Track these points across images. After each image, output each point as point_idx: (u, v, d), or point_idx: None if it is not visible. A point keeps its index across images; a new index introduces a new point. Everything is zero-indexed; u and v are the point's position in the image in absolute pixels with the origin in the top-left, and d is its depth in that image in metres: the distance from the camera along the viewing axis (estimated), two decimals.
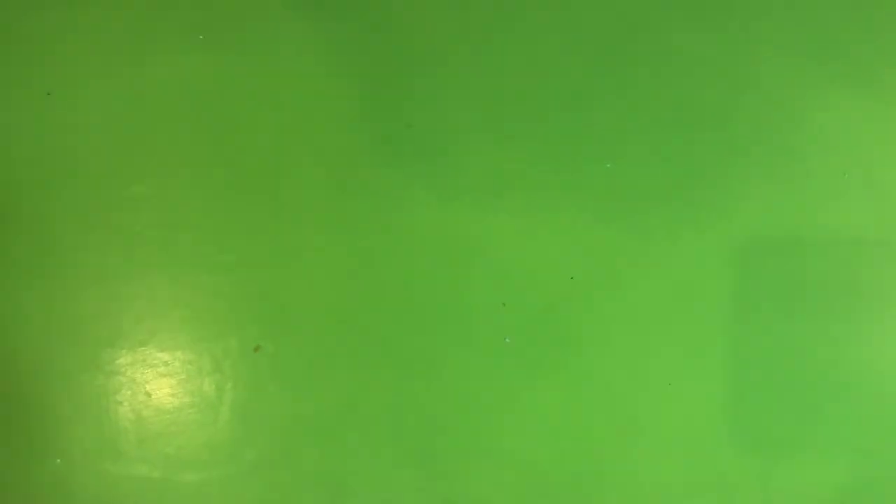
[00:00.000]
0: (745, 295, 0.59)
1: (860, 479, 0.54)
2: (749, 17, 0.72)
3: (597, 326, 0.56)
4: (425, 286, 0.57)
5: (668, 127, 0.64)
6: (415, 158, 0.62)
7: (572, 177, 0.62)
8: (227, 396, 0.55)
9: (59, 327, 0.59)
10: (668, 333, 0.56)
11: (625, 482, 0.54)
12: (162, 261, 0.59)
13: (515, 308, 0.57)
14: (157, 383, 0.57)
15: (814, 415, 0.56)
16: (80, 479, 0.55)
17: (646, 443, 0.53)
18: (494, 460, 0.52)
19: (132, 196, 0.63)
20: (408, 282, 0.58)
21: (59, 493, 0.54)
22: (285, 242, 0.58)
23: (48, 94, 0.67)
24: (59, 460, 0.55)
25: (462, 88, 0.66)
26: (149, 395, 0.57)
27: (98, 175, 0.64)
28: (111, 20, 0.63)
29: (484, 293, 0.57)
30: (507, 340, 0.56)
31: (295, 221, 0.59)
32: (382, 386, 0.54)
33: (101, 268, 0.61)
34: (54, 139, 0.66)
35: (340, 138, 0.62)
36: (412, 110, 0.64)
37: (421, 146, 0.63)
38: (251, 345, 0.55)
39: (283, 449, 0.53)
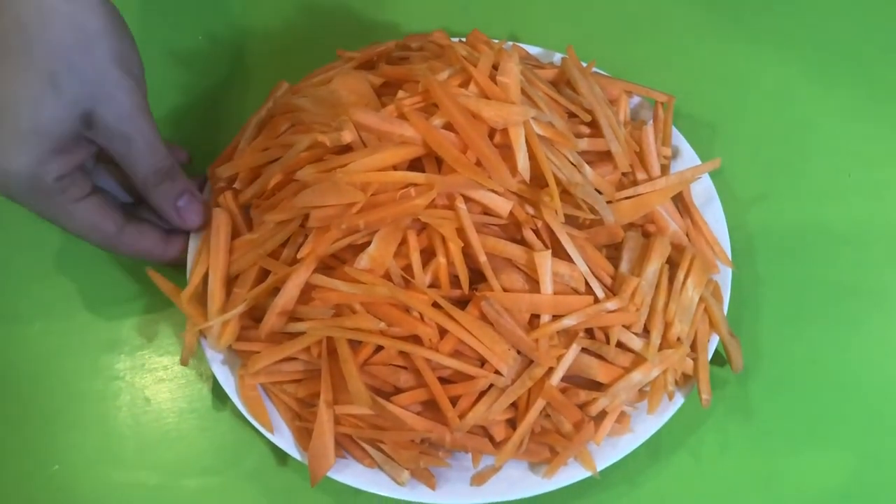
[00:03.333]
0: (747, 295, 0.59)
1: (864, 482, 0.54)
2: (751, 16, 0.72)
3: None
4: None
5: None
6: None
7: None
8: (227, 401, 0.55)
9: (58, 332, 0.59)
10: None
11: (623, 484, 0.53)
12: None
13: None
14: (157, 388, 0.57)
15: (818, 415, 0.56)
16: (78, 486, 0.54)
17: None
18: None
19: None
20: None
21: (57, 500, 0.54)
22: None
23: None
24: (57, 466, 0.55)
25: None
26: (148, 400, 0.57)
27: None
28: None
29: None
30: None
31: None
32: None
33: (99, 271, 0.60)
34: None
35: None
36: None
37: None
38: None
39: (284, 455, 0.52)
